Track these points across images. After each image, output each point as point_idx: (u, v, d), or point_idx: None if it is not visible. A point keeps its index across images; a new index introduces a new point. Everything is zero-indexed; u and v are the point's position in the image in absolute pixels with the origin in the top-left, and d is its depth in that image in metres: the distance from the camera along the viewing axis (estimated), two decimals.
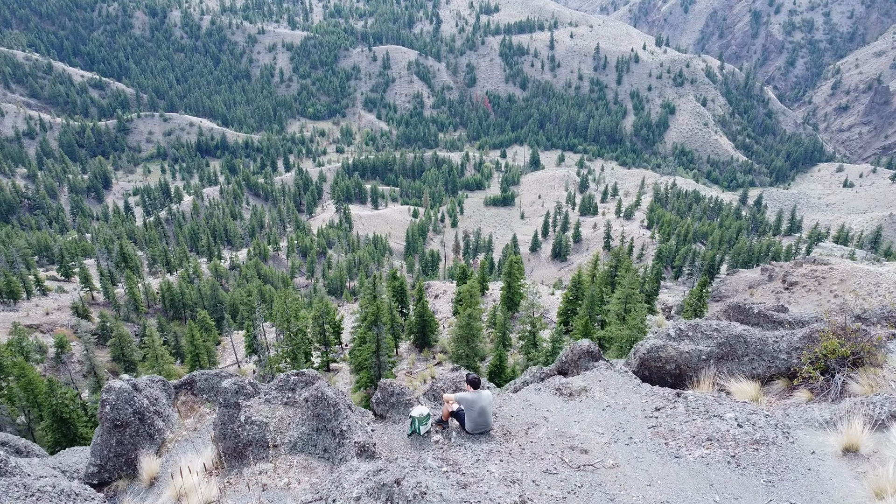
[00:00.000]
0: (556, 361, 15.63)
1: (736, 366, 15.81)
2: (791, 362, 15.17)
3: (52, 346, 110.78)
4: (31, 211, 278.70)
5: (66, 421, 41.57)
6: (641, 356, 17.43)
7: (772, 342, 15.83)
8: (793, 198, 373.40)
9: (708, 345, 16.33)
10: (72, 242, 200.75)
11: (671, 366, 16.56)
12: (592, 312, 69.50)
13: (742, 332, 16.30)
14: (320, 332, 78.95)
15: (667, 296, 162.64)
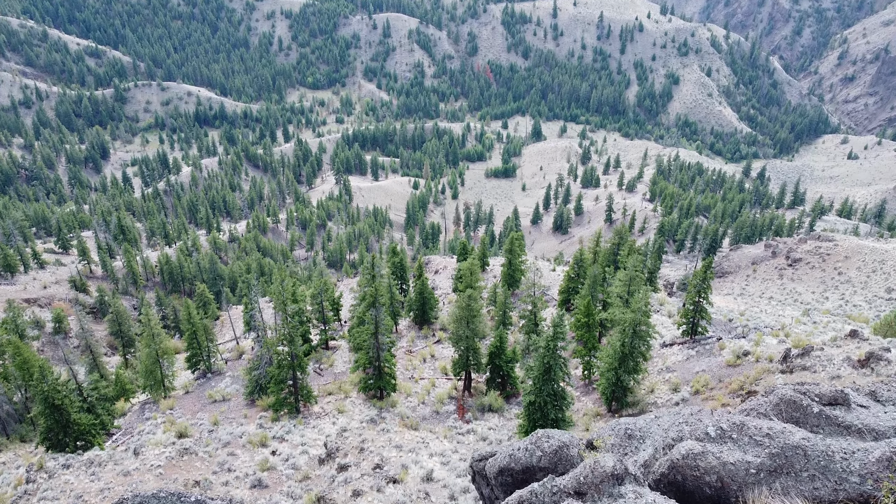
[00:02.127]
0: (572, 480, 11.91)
1: (793, 483, 12.93)
2: (864, 489, 12.26)
3: (50, 320, 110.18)
4: (29, 182, 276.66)
5: (59, 407, 40.75)
6: (674, 462, 13.93)
7: (839, 458, 12.94)
8: (796, 170, 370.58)
9: (758, 454, 13.30)
10: (69, 214, 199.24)
11: (711, 478, 13.40)
12: (594, 293, 68.39)
13: (801, 441, 13.24)
14: (319, 310, 78.00)
15: (668, 270, 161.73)
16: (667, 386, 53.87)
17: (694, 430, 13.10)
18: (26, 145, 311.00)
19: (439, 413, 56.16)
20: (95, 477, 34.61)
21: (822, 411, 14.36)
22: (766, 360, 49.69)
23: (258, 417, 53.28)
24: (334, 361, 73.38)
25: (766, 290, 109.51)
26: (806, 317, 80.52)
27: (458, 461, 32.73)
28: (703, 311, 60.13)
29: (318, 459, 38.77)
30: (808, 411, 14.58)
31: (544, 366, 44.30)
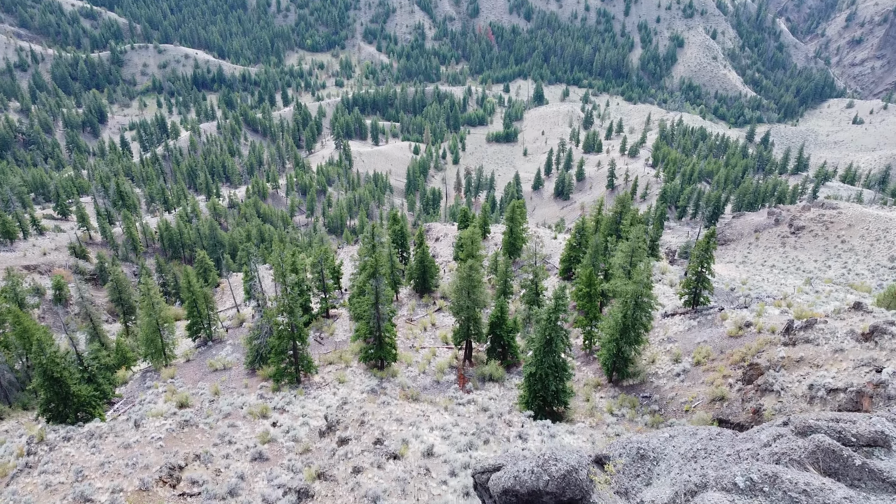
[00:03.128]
0: None
1: None
2: None
3: (50, 287, 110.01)
4: (26, 146, 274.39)
5: (58, 380, 40.59)
6: None
7: None
8: (801, 135, 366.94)
9: None
10: (67, 180, 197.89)
11: None
12: (596, 262, 67.93)
13: (843, 501, 11.13)
14: (319, 279, 77.62)
15: (670, 237, 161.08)
16: (668, 356, 53.79)
17: (719, 477, 11.34)
18: (23, 109, 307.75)
19: (440, 383, 56.20)
20: (96, 449, 34.58)
21: (864, 464, 12.14)
22: (768, 332, 49.46)
23: (259, 387, 53.30)
24: (335, 330, 73.32)
25: (769, 258, 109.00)
26: (808, 286, 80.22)
27: (459, 435, 32.62)
28: (705, 282, 59.74)
29: (318, 432, 38.74)
30: (849, 463, 12.37)
31: (545, 338, 44.07)
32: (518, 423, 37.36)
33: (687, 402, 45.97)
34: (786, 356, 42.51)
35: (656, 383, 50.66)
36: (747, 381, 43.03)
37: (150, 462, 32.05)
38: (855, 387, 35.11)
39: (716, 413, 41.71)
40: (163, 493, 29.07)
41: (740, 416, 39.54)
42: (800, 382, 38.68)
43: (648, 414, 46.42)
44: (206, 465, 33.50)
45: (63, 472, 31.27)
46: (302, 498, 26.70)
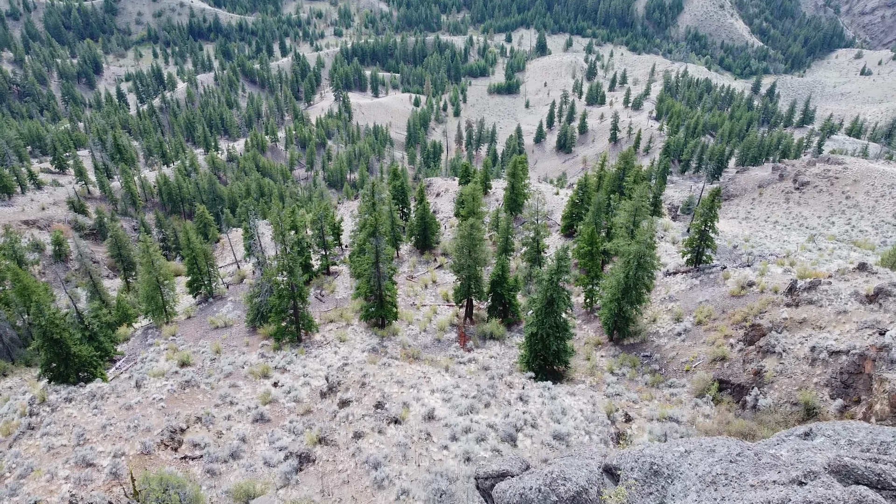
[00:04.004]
0: None
1: None
2: None
3: (49, 243, 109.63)
4: (21, 98, 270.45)
5: (58, 341, 40.46)
6: None
7: None
8: (807, 86, 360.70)
9: None
10: (64, 133, 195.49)
11: None
12: (598, 220, 67.29)
13: None
14: (319, 235, 77.14)
15: (673, 191, 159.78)
16: (669, 316, 53.67)
17: None
18: (16, 60, 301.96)
19: (441, 341, 56.26)
20: (98, 411, 34.66)
21: None
22: (770, 292, 49.19)
23: (260, 346, 53.38)
24: (335, 287, 73.22)
25: (772, 214, 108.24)
26: (811, 243, 79.74)
27: (460, 398, 32.60)
28: (708, 240, 59.22)
29: (319, 393, 38.83)
30: None
31: (547, 298, 43.80)
32: (519, 384, 37.35)
33: (688, 361, 46.02)
34: (788, 317, 42.30)
35: (657, 342, 50.66)
36: (749, 342, 42.93)
37: (151, 424, 32.13)
38: (858, 349, 34.92)
39: (716, 373, 41.73)
40: (164, 457, 29.17)
41: (741, 378, 39.53)
42: (802, 344, 38.54)
43: (649, 374, 46.54)
44: (208, 427, 33.60)
45: (65, 435, 31.37)
46: (303, 462, 26.75)
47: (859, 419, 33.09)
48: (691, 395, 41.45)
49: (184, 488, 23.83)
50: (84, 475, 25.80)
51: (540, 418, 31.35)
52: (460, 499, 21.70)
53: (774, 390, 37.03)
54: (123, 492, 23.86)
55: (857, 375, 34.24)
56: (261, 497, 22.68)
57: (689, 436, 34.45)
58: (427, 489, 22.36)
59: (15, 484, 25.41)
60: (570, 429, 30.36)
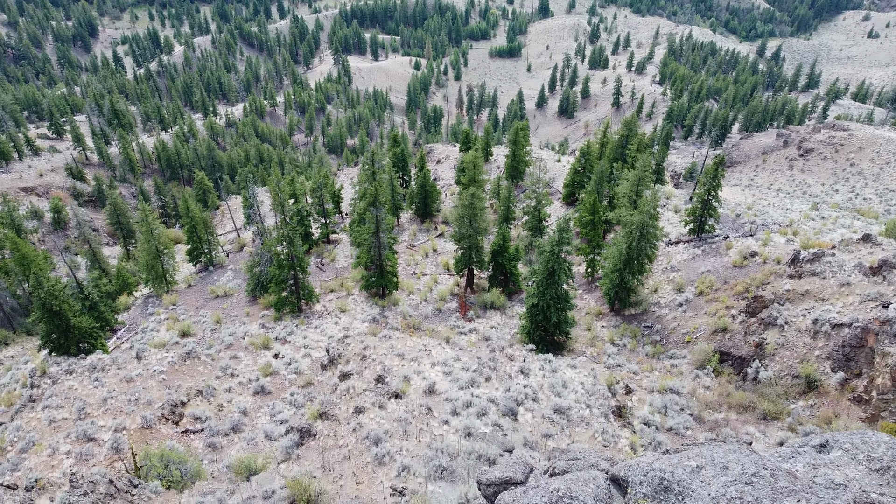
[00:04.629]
0: None
1: None
2: None
3: (48, 210, 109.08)
4: (16, 62, 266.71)
5: (58, 313, 40.31)
6: None
7: None
8: (813, 49, 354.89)
9: None
10: (61, 97, 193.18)
11: None
12: (601, 189, 66.63)
13: None
14: (319, 204, 76.62)
15: (675, 157, 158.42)
16: (671, 286, 53.48)
17: None
18: (10, 22, 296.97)
19: (441, 311, 56.19)
20: (99, 383, 34.67)
21: None
22: (773, 262, 48.92)
23: (260, 316, 53.35)
24: (336, 256, 72.97)
25: (775, 182, 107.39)
26: (814, 211, 79.19)
27: (461, 371, 32.53)
28: (711, 210, 58.72)
29: (320, 365, 38.83)
30: None
31: (548, 269, 43.55)
32: (520, 357, 37.31)
33: (689, 332, 45.97)
34: (791, 289, 42.07)
35: (658, 313, 50.57)
36: (751, 314, 42.78)
37: (152, 398, 32.14)
38: (860, 323, 34.75)
39: (717, 345, 41.67)
40: (166, 431, 29.24)
41: (742, 350, 39.46)
42: (804, 317, 38.38)
43: (650, 344, 46.53)
44: (209, 399, 33.65)
45: (66, 408, 31.40)
46: (304, 437, 26.77)
47: (860, 392, 33.11)
48: (692, 367, 41.47)
49: (185, 463, 23.88)
50: (85, 450, 25.85)
51: (541, 391, 31.34)
52: (461, 476, 21.71)
53: (775, 363, 36.99)
54: (125, 467, 23.91)
55: (860, 349, 34.13)
56: (262, 473, 22.69)
57: (688, 408, 34.48)
58: (428, 465, 22.37)
59: (16, 459, 25.47)
60: (571, 402, 30.36)
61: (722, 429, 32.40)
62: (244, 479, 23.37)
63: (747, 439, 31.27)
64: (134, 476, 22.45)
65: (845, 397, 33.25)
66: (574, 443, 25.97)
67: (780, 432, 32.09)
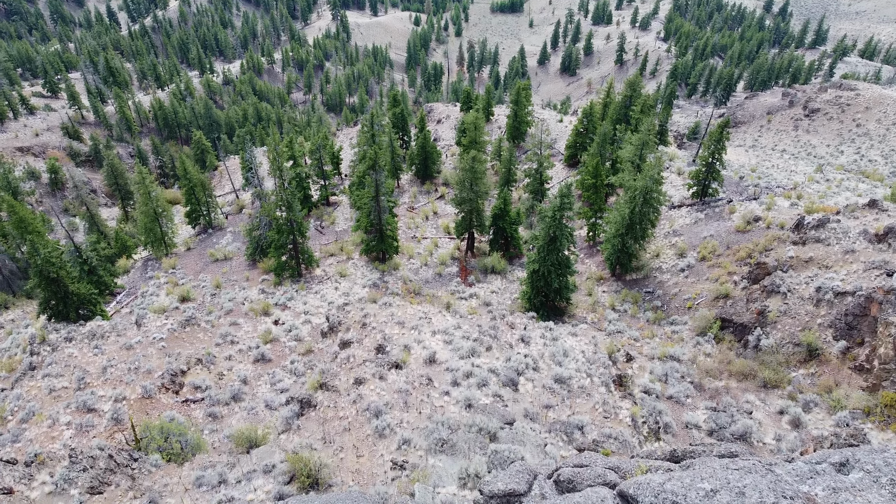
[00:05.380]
0: None
1: None
2: None
3: (45, 171, 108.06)
4: (8, 17, 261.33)
5: (55, 280, 39.97)
6: None
7: None
8: (821, 4, 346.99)
9: None
10: (54, 54, 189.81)
11: None
12: (603, 152, 65.69)
13: None
14: (318, 165, 75.75)
15: (679, 116, 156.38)
16: (673, 251, 53.13)
17: None
18: None
19: (442, 276, 55.97)
20: (98, 350, 34.59)
21: None
22: (777, 227, 48.43)
23: (260, 280, 53.13)
24: (336, 219, 72.44)
25: (780, 143, 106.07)
26: (819, 174, 78.34)
27: (461, 339, 32.40)
28: (714, 173, 57.97)
29: (320, 332, 38.72)
30: None
31: (549, 235, 43.15)
32: (520, 325, 37.15)
33: (690, 298, 45.79)
34: (794, 255, 41.70)
35: (660, 278, 50.32)
36: (753, 281, 42.51)
37: (152, 366, 32.07)
38: (864, 291, 34.48)
39: (719, 311, 41.52)
40: (166, 401, 29.21)
41: (744, 317, 39.30)
42: (807, 284, 38.10)
43: (651, 310, 46.39)
44: (209, 368, 33.60)
45: (66, 376, 31.35)
46: (304, 408, 26.74)
47: (861, 361, 33.02)
48: (693, 333, 41.40)
49: (185, 435, 23.87)
50: (85, 421, 25.83)
51: (542, 361, 31.25)
52: (461, 449, 21.68)
53: (777, 330, 36.86)
54: (125, 439, 23.90)
55: (863, 318, 33.93)
56: (263, 447, 22.67)
57: (689, 375, 34.46)
58: (428, 439, 22.34)
59: (17, 429, 25.47)
60: (572, 371, 30.27)
61: (722, 397, 32.42)
62: (245, 452, 23.39)
63: (748, 408, 31.35)
64: (134, 449, 22.44)
65: (846, 366, 33.20)
66: (574, 414, 25.94)
67: (781, 400, 32.14)
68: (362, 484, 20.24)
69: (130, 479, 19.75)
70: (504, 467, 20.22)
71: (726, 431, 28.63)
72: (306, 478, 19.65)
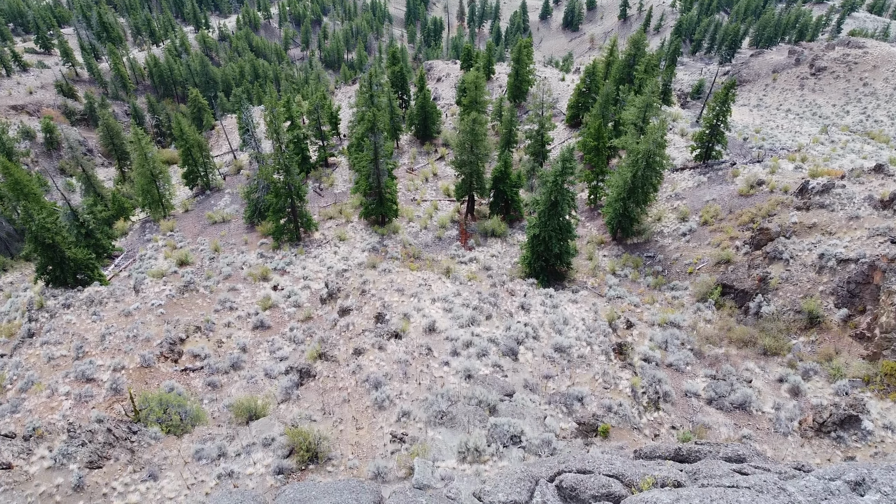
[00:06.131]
0: None
1: None
2: None
3: (40, 130, 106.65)
4: None
5: (51, 245, 39.48)
6: None
7: None
8: None
9: None
10: (46, 9, 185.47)
11: None
12: (606, 112, 64.51)
13: None
14: (316, 125, 74.62)
15: (683, 74, 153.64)
16: (675, 214, 52.67)
17: None
18: None
19: (441, 239, 55.59)
20: (97, 317, 34.47)
21: None
22: (780, 192, 47.91)
23: (259, 244, 52.77)
24: (334, 180, 71.67)
25: (785, 102, 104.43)
26: (824, 135, 77.28)
27: (461, 307, 32.21)
28: (719, 136, 57.08)
29: (319, 298, 38.53)
30: None
31: (550, 200, 42.64)
32: (520, 292, 36.95)
33: (691, 263, 45.52)
34: (798, 221, 41.28)
35: (661, 242, 49.97)
36: (755, 246, 42.17)
37: (151, 334, 31.95)
38: (867, 258, 34.18)
39: (720, 277, 41.27)
40: (165, 370, 29.16)
41: (745, 283, 39.08)
42: (810, 251, 37.78)
43: (651, 275, 46.18)
44: (208, 335, 33.50)
45: (65, 344, 31.26)
46: (304, 377, 26.71)
47: (863, 330, 32.91)
48: (693, 299, 41.24)
49: (184, 406, 23.83)
50: (84, 391, 25.79)
51: (541, 329, 31.11)
52: (461, 422, 21.64)
53: (778, 297, 36.69)
54: (124, 410, 23.87)
55: (865, 285, 33.69)
56: (262, 419, 22.63)
57: (689, 342, 34.36)
58: (428, 411, 22.31)
59: (16, 399, 25.44)
60: (572, 340, 30.18)
61: (722, 364, 32.41)
62: (244, 423, 23.39)
63: (747, 376, 31.36)
64: (133, 421, 22.41)
65: (847, 334, 33.12)
66: (574, 385, 25.89)
67: (780, 368, 32.14)
68: (362, 457, 20.26)
69: (130, 452, 19.75)
70: (504, 443, 20.23)
71: (725, 400, 28.66)
72: (305, 452, 19.64)
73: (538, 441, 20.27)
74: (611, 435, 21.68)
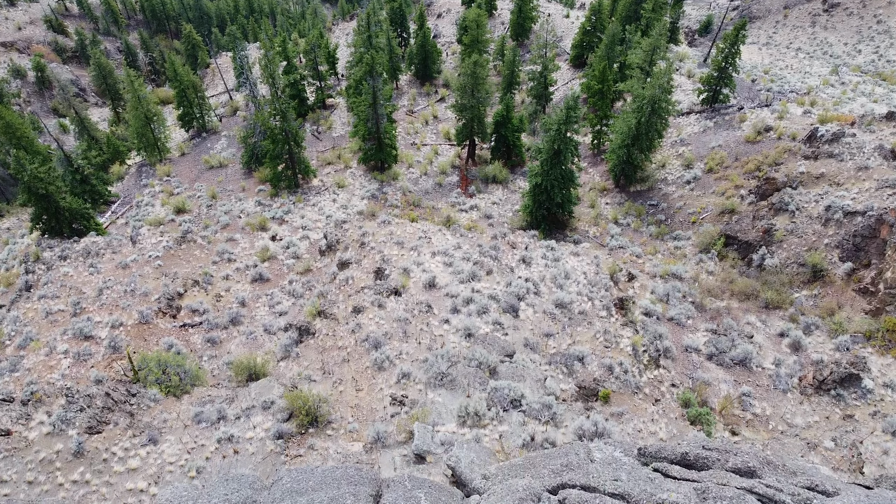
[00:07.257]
0: None
1: None
2: None
3: (30, 68, 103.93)
4: None
5: (45, 196, 38.72)
6: None
7: None
8: None
9: None
10: None
11: None
12: (611, 54, 62.41)
13: None
14: (313, 66, 72.56)
15: (691, 9, 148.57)
16: (679, 161, 51.64)
17: None
18: None
19: (442, 186, 54.76)
20: (94, 269, 34.13)
21: None
22: (788, 139, 46.78)
23: (256, 191, 52.02)
24: (332, 123, 70.18)
25: (795, 40, 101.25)
26: (835, 76, 75.26)
27: (461, 261, 31.82)
28: (727, 79, 55.46)
29: (318, 249, 38.10)
30: None
31: (553, 149, 41.74)
32: (521, 244, 36.50)
33: (695, 213, 44.88)
34: (805, 171, 40.40)
35: (665, 190, 49.19)
36: (761, 197, 41.39)
37: (148, 289, 31.66)
38: (875, 212, 33.59)
39: (724, 227, 40.78)
40: (163, 326, 29.00)
41: (749, 234, 38.58)
42: (817, 203, 37.12)
43: (654, 224, 45.64)
44: (206, 289, 33.25)
45: (62, 298, 31.03)
46: (303, 335, 26.57)
47: (867, 284, 32.61)
48: (696, 250, 40.85)
49: (183, 366, 23.74)
50: (82, 350, 25.65)
51: (542, 284, 30.80)
52: (461, 384, 21.56)
53: (783, 250, 36.28)
54: (122, 369, 23.80)
55: (871, 239, 33.20)
56: (262, 381, 22.56)
57: (690, 295, 34.11)
58: (428, 372, 22.21)
59: (15, 357, 25.36)
60: (573, 295, 29.93)
61: (723, 318, 32.26)
62: (244, 382, 23.35)
63: (748, 331, 31.24)
64: (132, 381, 22.34)
65: (851, 288, 32.84)
66: (575, 343, 25.75)
67: (782, 322, 32.03)
68: (361, 420, 20.25)
69: (129, 416, 19.72)
70: (504, 406, 20.17)
71: (726, 356, 28.63)
72: (305, 416, 19.60)
73: (538, 405, 20.22)
74: (611, 400, 21.63)
